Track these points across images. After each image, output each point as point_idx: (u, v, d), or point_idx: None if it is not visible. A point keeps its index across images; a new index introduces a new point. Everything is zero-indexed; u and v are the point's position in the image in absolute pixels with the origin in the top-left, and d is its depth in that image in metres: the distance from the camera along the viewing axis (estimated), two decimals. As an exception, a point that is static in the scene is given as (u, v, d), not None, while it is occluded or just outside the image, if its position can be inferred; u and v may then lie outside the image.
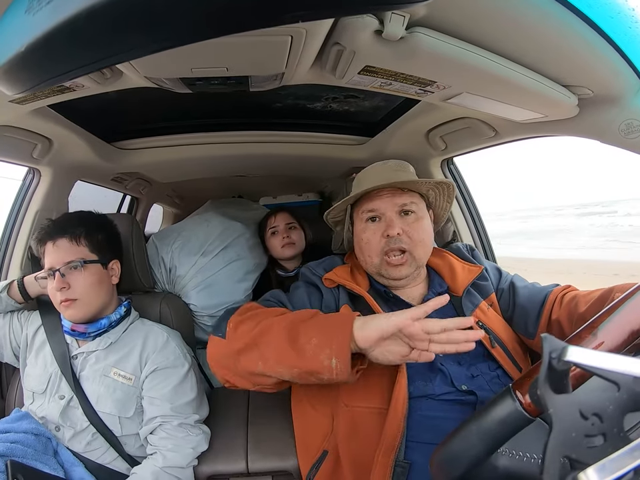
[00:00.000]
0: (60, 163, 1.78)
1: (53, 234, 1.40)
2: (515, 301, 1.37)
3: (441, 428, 1.09)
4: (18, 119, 1.35)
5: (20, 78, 0.55)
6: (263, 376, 1.07)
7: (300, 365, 1.00)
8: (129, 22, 0.45)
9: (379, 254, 1.28)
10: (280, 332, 1.04)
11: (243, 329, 1.12)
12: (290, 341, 1.02)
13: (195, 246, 2.07)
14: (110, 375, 1.39)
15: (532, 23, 0.84)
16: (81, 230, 1.43)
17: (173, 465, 1.31)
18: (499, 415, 0.64)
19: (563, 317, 1.24)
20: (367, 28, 0.83)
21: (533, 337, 1.31)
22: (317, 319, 1.07)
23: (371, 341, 0.97)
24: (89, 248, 1.43)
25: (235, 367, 1.11)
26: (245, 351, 1.08)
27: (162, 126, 1.94)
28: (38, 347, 1.49)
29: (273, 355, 1.03)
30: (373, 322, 0.99)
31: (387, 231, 1.25)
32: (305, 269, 1.45)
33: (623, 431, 0.44)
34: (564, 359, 0.45)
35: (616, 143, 1.18)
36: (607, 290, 1.14)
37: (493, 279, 1.43)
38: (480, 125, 1.56)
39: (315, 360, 0.98)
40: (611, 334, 0.60)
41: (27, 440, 1.27)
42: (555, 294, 1.31)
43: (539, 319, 1.30)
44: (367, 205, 1.31)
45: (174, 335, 1.52)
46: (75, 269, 1.38)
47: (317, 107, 1.79)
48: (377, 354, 1.00)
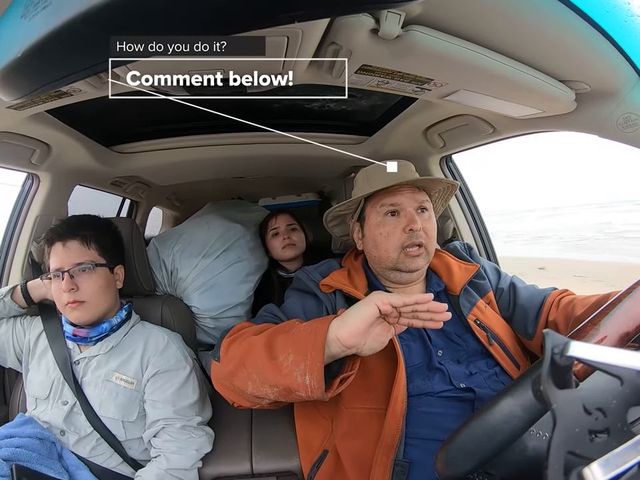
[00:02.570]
0: (59, 168, 1.79)
1: (64, 235, 1.41)
2: (516, 302, 1.38)
3: (440, 424, 1.11)
4: (16, 125, 1.35)
5: (17, 84, 0.55)
6: (255, 397, 1.05)
7: (279, 382, 0.97)
8: (125, 25, 0.45)
9: (398, 248, 1.28)
10: (260, 350, 1.03)
11: (232, 350, 1.11)
12: (270, 358, 1.00)
13: (196, 248, 2.07)
14: (112, 380, 1.39)
15: (528, 19, 0.84)
16: (91, 233, 1.44)
17: (177, 467, 1.31)
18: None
19: (559, 319, 1.25)
20: (362, 27, 0.83)
21: (532, 338, 1.32)
22: (294, 331, 1.04)
23: (359, 333, 0.95)
24: (98, 251, 1.44)
25: (233, 388, 1.10)
26: (235, 372, 1.07)
27: (160, 129, 1.94)
28: (40, 353, 1.49)
29: (257, 374, 1.01)
30: (354, 314, 0.98)
31: (409, 225, 1.26)
32: (301, 273, 1.44)
33: (627, 425, 0.44)
34: (566, 354, 0.45)
35: (614, 137, 1.19)
36: (604, 295, 1.16)
37: (491, 278, 1.45)
38: (478, 121, 1.56)
39: (291, 377, 0.95)
40: (613, 328, 0.60)
41: (31, 444, 1.27)
42: (553, 296, 1.34)
43: (538, 320, 1.32)
44: (388, 200, 1.31)
45: (175, 338, 1.52)
46: (84, 272, 1.38)
47: (315, 106, 1.79)
48: (371, 343, 0.99)
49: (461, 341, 1.26)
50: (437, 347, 1.24)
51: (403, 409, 1.10)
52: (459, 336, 1.27)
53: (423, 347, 1.24)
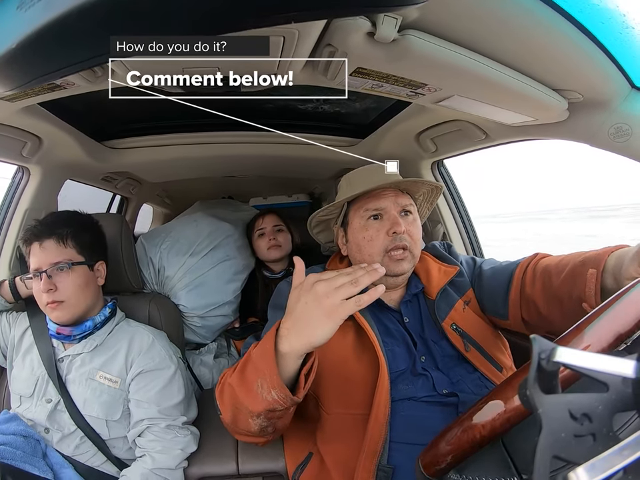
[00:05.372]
0: (49, 162, 1.77)
1: (40, 234, 1.38)
2: (482, 283, 1.34)
3: (424, 427, 1.09)
4: (7, 117, 1.34)
5: (10, 75, 0.55)
6: (262, 431, 1.04)
7: (259, 409, 0.96)
8: (122, 20, 0.45)
9: (382, 252, 1.27)
10: (239, 388, 1.00)
11: (224, 399, 1.09)
12: (247, 391, 0.97)
13: (184, 246, 2.07)
14: (96, 379, 1.38)
15: (524, 27, 0.85)
16: (68, 231, 1.41)
17: (162, 467, 1.30)
18: None
19: (536, 292, 1.18)
20: (359, 30, 0.84)
21: (506, 318, 1.27)
22: (252, 357, 1.00)
23: (325, 338, 0.89)
24: (76, 249, 1.41)
25: (246, 433, 1.09)
26: (235, 419, 1.06)
27: (152, 125, 1.93)
28: (25, 349, 1.47)
29: (247, 411, 1.00)
30: (314, 330, 0.89)
31: (393, 228, 1.25)
32: (284, 284, 1.41)
33: (612, 431, 0.44)
34: (553, 360, 0.45)
35: (605, 146, 1.20)
36: (577, 263, 1.07)
37: (468, 272, 1.40)
38: (470, 127, 1.57)
39: (263, 400, 0.93)
40: (599, 335, 0.60)
41: (15, 442, 1.26)
42: (522, 267, 1.26)
43: (508, 296, 1.25)
44: (371, 204, 1.30)
45: (160, 336, 1.51)
46: (61, 271, 1.36)
47: (308, 108, 1.79)
48: None
49: (436, 347, 1.24)
50: (420, 353, 1.23)
51: (387, 414, 1.09)
52: (434, 342, 1.25)
53: (407, 351, 1.23)
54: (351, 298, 0.88)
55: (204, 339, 2.11)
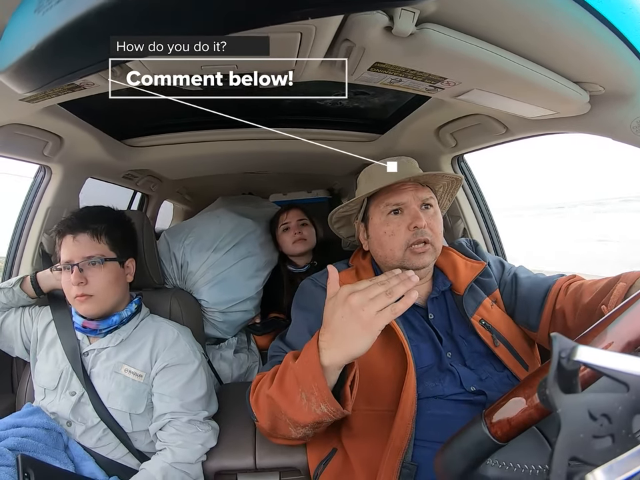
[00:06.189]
0: (71, 161, 1.80)
1: (74, 228, 1.41)
2: (517, 292, 1.34)
3: (450, 426, 1.08)
4: (29, 117, 1.36)
5: (30, 77, 0.55)
6: (304, 436, 1.07)
7: (306, 421, 0.98)
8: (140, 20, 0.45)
9: (403, 246, 1.26)
10: (280, 400, 1.02)
11: (261, 407, 1.12)
12: (289, 403, 0.99)
13: (207, 242, 2.09)
14: (120, 372, 1.40)
15: (542, 18, 0.83)
16: (103, 226, 1.44)
17: (181, 461, 1.31)
18: (473, 438, 0.65)
19: (567, 307, 1.19)
20: (376, 24, 0.83)
21: (536, 329, 1.28)
22: (294, 370, 1.01)
23: (364, 349, 0.91)
24: (109, 245, 1.44)
25: (284, 437, 1.13)
26: (275, 427, 1.10)
27: (172, 123, 1.95)
28: (49, 343, 1.50)
29: (290, 422, 1.03)
30: (352, 343, 0.91)
31: (414, 222, 1.24)
32: (307, 281, 1.43)
33: (632, 433, 0.44)
34: (573, 359, 0.45)
35: (627, 140, 1.17)
36: (613, 279, 1.09)
37: (496, 274, 1.40)
38: (490, 121, 1.55)
39: (312, 413, 0.95)
40: (620, 334, 0.59)
41: (37, 434, 1.28)
42: (559, 284, 1.27)
43: (542, 310, 1.26)
44: (391, 199, 1.30)
45: (184, 332, 1.53)
46: (93, 265, 1.39)
47: (327, 103, 1.78)
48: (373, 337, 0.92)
49: (464, 343, 1.24)
50: (446, 349, 1.23)
51: (413, 412, 1.09)
52: (462, 337, 1.25)
53: (433, 347, 1.23)
54: (386, 307, 0.88)
55: (225, 334, 2.13)
